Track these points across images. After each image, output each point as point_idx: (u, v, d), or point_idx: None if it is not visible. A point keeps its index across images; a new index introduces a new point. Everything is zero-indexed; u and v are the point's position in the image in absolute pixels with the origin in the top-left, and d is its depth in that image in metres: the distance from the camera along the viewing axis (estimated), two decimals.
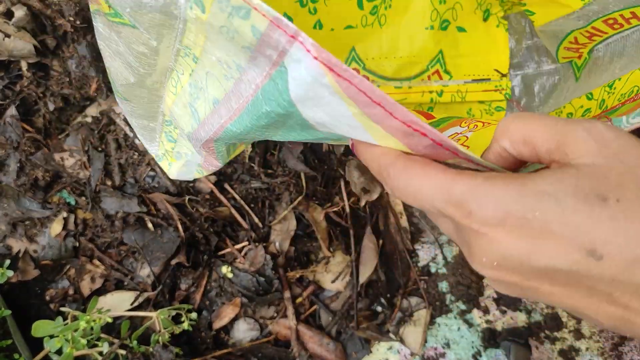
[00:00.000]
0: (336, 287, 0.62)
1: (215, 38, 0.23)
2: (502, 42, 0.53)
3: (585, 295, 0.19)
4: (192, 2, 0.22)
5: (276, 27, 0.19)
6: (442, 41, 0.52)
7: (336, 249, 0.64)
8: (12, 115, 0.60)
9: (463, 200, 0.20)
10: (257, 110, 0.25)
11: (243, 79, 0.24)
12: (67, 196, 0.60)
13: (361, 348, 0.61)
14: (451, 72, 0.53)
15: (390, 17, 0.50)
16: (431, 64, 0.52)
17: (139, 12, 0.23)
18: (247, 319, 0.61)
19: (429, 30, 0.51)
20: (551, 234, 0.18)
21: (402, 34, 0.50)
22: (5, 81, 0.60)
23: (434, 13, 0.50)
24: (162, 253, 0.59)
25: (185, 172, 0.41)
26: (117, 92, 0.35)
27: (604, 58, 0.44)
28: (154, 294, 0.58)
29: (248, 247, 0.62)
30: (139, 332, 0.55)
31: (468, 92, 0.53)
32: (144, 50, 0.26)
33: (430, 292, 0.64)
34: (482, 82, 0.53)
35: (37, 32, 0.58)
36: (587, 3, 0.42)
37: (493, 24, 0.53)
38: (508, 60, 0.53)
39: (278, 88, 0.22)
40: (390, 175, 0.22)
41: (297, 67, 0.20)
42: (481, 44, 0.53)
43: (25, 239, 0.60)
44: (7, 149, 0.59)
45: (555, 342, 0.61)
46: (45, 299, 0.59)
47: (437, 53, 0.52)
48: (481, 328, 0.62)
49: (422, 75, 0.52)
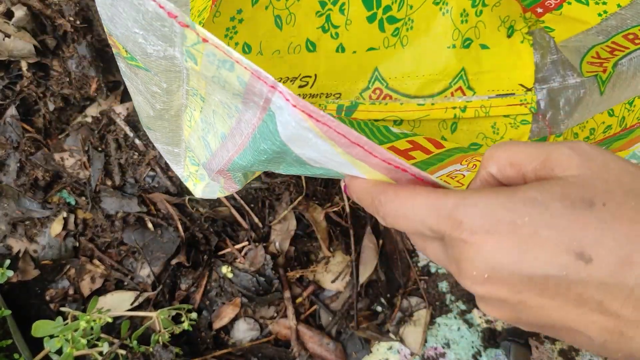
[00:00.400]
0: (336, 287, 0.62)
1: (212, 85, 0.25)
2: (527, 57, 0.53)
3: (575, 305, 0.18)
4: (186, 56, 0.23)
5: (257, 78, 0.20)
6: (465, 59, 0.53)
7: (336, 249, 0.64)
8: (12, 115, 0.60)
9: (453, 212, 0.20)
10: (256, 146, 0.26)
11: (242, 118, 0.26)
12: (67, 196, 0.60)
13: (361, 348, 0.61)
14: (474, 88, 0.54)
15: (412, 38, 0.51)
16: (454, 81, 0.53)
17: (147, 59, 0.25)
18: (247, 318, 0.61)
19: (451, 49, 0.52)
20: (540, 239, 0.18)
21: (424, 54, 0.52)
22: (6, 81, 0.60)
23: (456, 32, 0.51)
24: (162, 253, 0.59)
25: (209, 192, 0.43)
26: (142, 122, 0.37)
27: (628, 72, 0.44)
28: (154, 294, 0.58)
29: (248, 247, 0.62)
30: (139, 332, 0.55)
31: (492, 107, 0.53)
32: (158, 90, 0.29)
33: (430, 292, 0.64)
34: (506, 97, 0.53)
35: (37, 32, 0.58)
36: (604, 18, 0.42)
37: (517, 40, 0.53)
38: (533, 74, 0.53)
39: (270, 129, 0.24)
40: (382, 202, 0.23)
41: (281, 113, 0.21)
42: (505, 60, 0.53)
43: (25, 239, 0.60)
44: (7, 149, 0.59)
45: (555, 342, 0.61)
46: (46, 299, 0.59)
47: (460, 70, 0.53)
48: (481, 328, 0.62)
49: (445, 92, 0.53)
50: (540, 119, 0.53)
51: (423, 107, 0.53)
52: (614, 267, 0.17)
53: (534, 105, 0.53)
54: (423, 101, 0.53)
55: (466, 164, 0.40)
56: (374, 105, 0.53)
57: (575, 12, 0.44)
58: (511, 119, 0.54)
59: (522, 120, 0.54)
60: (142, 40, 0.24)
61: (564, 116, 0.51)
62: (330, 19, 0.47)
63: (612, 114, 0.45)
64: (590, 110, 0.48)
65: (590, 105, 0.48)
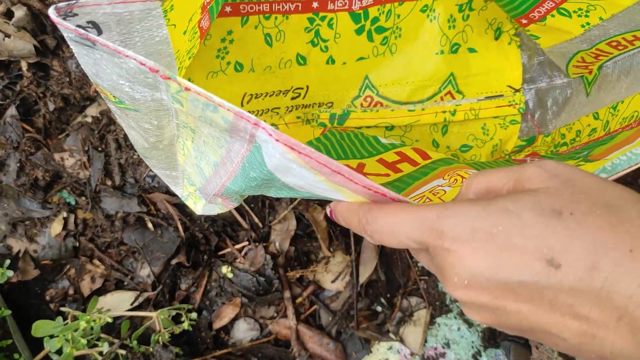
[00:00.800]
0: (336, 287, 0.63)
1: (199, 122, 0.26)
2: (515, 59, 0.54)
3: (548, 309, 0.19)
4: (172, 100, 0.25)
5: (240, 117, 0.22)
6: (453, 64, 0.53)
7: (336, 249, 0.64)
8: (12, 115, 0.60)
9: (434, 223, 0.21)
10: (246, 174, 0.28)
11: (231, 148, 0.28)
12: (67, 196, 0.60)
13: (361, 348, 0.61)
14: (463, 91, 0.55)
15: (400, 46, 0.52)
16: (443, 85, 0.54)
17: (136, 103, 0.27)
18: (247, 318, 0.61)
19: (440, 55, 0.53)
20: (514, 246, 0.19)
21: (413, 61, 0.52)
22: (6, 81, 0.60)
23: (444, 38, 0.52)
24: (162, 253, 0.59)
25: (208, 210, 0.45)
26: (139, 152, 0.39)
27: (613, 75, 0.45)
28: (154, 294, 0.58)
29: (248, 247, 0.62)
30: (139, 332, 0.55)
31: (481, 109, 0.54)
32: (149, 127, 0.31)
33: (430, 292, 0.64)
34: (495, 99, 0.54)
35: (37, 32, 0.58)
36: (587, 30, 0.43)
37: (505, 42, 0.54)
38: (521, 75, 0.54)
39: (257, 160, 0.25)
40: (369, 220, 0.24)
41: (266, 145, 0.23)
42: (493, 63, 0.54)
43: (25, 239, 0.60)
44: (7, 149, 0.59)
45: None
46: (46, 298, 0.59)
47: (449, 75, 0.54)
48: (481, 328, 0.62)
49: (434, 97, 0.54)
50: (529, 118, 0.54)
51: (414, 112, 0.54)
52: (582, 272, 0.18)
53: (523, 106, 0.54)
54: (413, 107, 0.54)
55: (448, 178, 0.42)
56: (366, 112, 0.53)
57: (558, 24, 0.44)
58: (500, 119, 0.55)
59: (511, 120, 0.55)
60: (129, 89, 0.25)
61: (552, 116, 0.52)
62: (320, 34, 0.48)
63: (597, 117, 0.47)
64: (577, 111, 0.49)
65: (577, 106, 0.49)
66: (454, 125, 0.55)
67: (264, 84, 0.49)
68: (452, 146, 0.56)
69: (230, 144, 0.27)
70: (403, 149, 0.49)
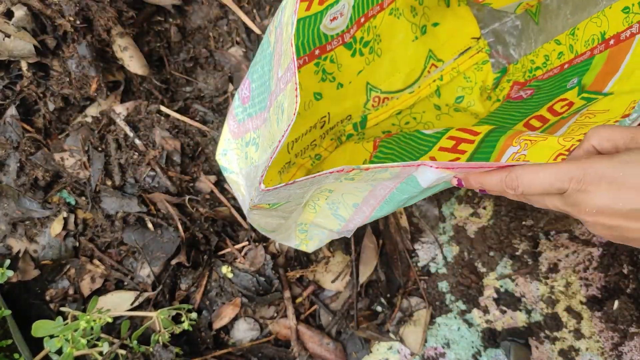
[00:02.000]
0: (336, 287, 0.62)
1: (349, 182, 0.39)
2: (467, 15, 0.65)
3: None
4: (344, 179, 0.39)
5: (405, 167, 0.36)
6: (427, 42, 0.64)
7: (336, 248, 0.64)
8: (12, 115, 0.60)
9: (576, 174, 0.31)
10: (395, 199, 0.41)
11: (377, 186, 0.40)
12: (67, 196, 0.60)
13: (361, 348, 0.61)
14: (442, 58, 0.66)
15: (384, 48, 0.61)
16: (426, 62, 0.64)
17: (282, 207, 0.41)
18: (247, 318, 0.61)
19: (415, 40, 0.63)
20: (631, 185, 0.29)
21: (397, 54, 0.62)
22: (6, 81, 0.60)
23: (413, 26, 0.62)
24: (162, 253, 0.59)
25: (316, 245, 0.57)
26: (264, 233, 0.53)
27: (552, 5, 0.56)
28: (154, 294, 0.58)
29: (248, 247, 0.62)
30: (139, 332, 0.55)
31: (460, 65, 0.66)
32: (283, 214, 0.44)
33: (430, 292, 0.64)
34: (466, 52, 0.66)
35: (37, 32, 0.58)
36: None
37: (455, 5, 0.64)
38: (477, 25, 0.65)
39: (410, 185, 0.39)
40: (516, 177, 0.34)
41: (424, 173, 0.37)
42: (453, 25, 0.65)
43: (25, 238, 0.60)
44: (7, 149, 0.59)
45: (555, 342, 0.61)
46: (46, 298, 0.59)
47: (427, 52, 0.64)
48: (481, 328, 0.62)
49: (423, 73, 0.64)
50: (495, 54, 0.65)
51: (413, 93, 0.64)
52: None
53: (487, 48, 0.65)
54: (412, 89, 0.64)
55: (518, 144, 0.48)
56: (378, 110, 0.63)
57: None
58: (475, 65, 0.66)
59: (482, 61, 0.66)
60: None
61: (514, 46, 0.64)
62: (325, 70, 0.57)
63: (560, 42, 0.57)
64: (535, 39, 0.60)
65: (532, 34, 0.61)
66: (444, 86, 0.66)
67: (298, 128, 0.58)
68: (449, 102, 0.66)
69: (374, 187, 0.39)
70: (450, 133, 0.57)
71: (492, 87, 0.66)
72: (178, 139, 0.61)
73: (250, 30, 0.65)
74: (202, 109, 0.64)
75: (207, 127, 0.63)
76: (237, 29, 0.65)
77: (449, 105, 0.66)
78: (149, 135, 0.60)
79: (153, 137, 0.60)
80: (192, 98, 0.65)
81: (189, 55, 0.65)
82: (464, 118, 0.64)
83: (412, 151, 0.58)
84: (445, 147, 0.56)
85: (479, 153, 0.52)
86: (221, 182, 0.63)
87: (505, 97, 0.64)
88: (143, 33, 0.63)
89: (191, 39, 0.65)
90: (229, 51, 0.65)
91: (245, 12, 0.65)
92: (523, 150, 0.47)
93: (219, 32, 0.65)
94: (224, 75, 0.64)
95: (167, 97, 0.64)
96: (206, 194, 0.62)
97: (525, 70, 0.62)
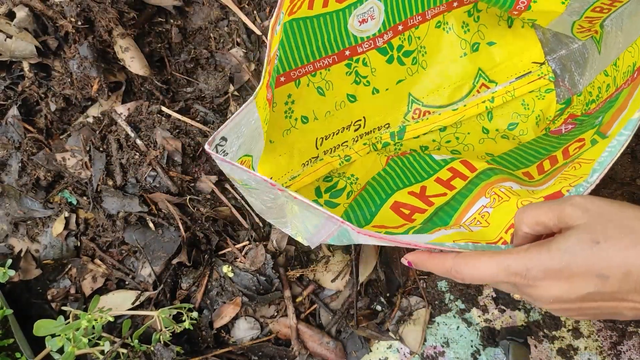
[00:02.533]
0: (336, 286, 0.63)
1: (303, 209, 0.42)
2: (531, 37, 0.61)
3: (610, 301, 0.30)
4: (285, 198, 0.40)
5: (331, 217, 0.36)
6: (477, 60, 0.61)
7: (336, 248, 0.64)
8: (14, 115, 0.60)
9: (518, 270, 0.31)
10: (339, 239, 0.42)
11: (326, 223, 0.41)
12: (68, 196, 0.61)
13: (361, 347, 0.62)
14: (495, 80, 0.62)
15: (429, 60, 0.60)
16: (475, 80, 0.62)
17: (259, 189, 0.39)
18: (247, 317, 0.61)
19: (464, 57, 0.61)
20: (576, 273, 0.29)
21: (443, 69, 0.61)
22: (7, 82, 0.60)
23: (463, 42, 0.60)
24: (163, 252, 0.59)
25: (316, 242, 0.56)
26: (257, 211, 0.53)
27: (612, 31, 0.52)
28: (155, 293, 0.59)
29: (249, 246, 0.62)
30: (140, 331, 0.55)
31: (515, 90, 0.62)
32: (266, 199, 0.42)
33: (430, 291, 0.64)
34: (525, 77, 0.62)
35: (39, 33, 0.58)
36: (568, 4, 0.49)
37: (518, 26, 0.61)
38: (541, 50, 0.61)
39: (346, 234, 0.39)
40: (459, 271, 0.34)
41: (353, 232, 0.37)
42: (513, 47, 0.61)
43: (27, 238, 0.60)
44: (9, 149, 0.60)
45: (554, 341, 0.62)
46: (47, 298, 0.59)
47: (477, 71, 0.62)
48: (480, 327, 0.63)
49: (471, 92, 0.62)
50: (561, 84, 0.61)
51: (457, 110, 0.62)
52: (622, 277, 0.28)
53: (552, 75, 0.61)
54: (456, 106, 0.62)
55: (489, 197, 0.48)
56: (418, 123, 0.62)
57: (543, 7, 0.51)
58: (536, 92, 0.62)
59: (546, 89, 0.62)
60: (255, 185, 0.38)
61: (579, 76, 0.59)
62: (359, 73, 0.57)
63: (607, 74, 0.53)
64: (595, 69, 0.56)
65: (594, 64, 0.56)
66: (496, 109, 0.63)
67: (328, 126, 0.59)
68: (500, 128, 0.63)
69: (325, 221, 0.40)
70: (453, 164, 0.56)
71: (553, 118, 0.61)
72: (179, 139, 0.61)
73: (251, 31, 0.66)
74: (203, 110, 0.64)
75: (208, 127, 0.63)
76: (237, 30, 0.65)
77: (499, 131, 0.63)
78: (150, 135, 0.61)
79: (154, 138, 0.61)
80: (193, 98, 0.65)
81: (189, 56, 0.65)
82: (507, 145, 0.61)
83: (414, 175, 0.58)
84: (441, 178, 0.56)
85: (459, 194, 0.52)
86: (222, 182, 0.63)
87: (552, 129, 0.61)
88: (144, 34, 0.64)
89: (192, 39, 0.66)
90: (230, 52, 0.65)
91: (246, 13, 0.65)
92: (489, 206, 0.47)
93: (220, 33, 0.65)
94: (225, 76, 0.65)
95: (168, 97, 0.64)
96: (207, 194, 0.62)
97: (585, 102, 0.59)
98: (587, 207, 0.30)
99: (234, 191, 0.63)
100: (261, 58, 0.66)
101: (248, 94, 0.66)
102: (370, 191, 0.58)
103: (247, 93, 0.66)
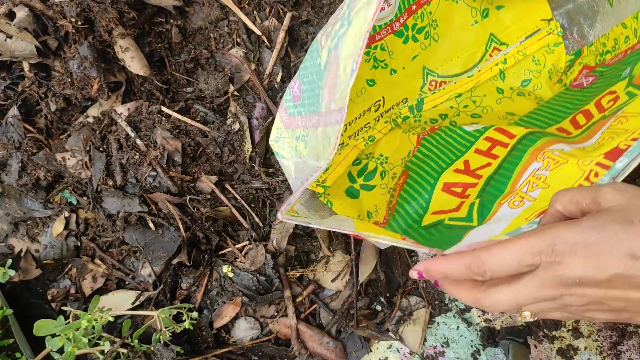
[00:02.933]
0: (336, 286, 0.63)
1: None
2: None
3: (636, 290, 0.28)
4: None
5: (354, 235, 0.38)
6: (488, 25, 0.62)
7: (336, 248, 0.64)
8: (14, 115, 0.60)
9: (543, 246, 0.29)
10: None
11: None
12: (68, 196, 0.61)
13: (361, 347, 0.62)
14: (506, 42, 0.63)
15: (441, 33, 0.61)
16: (487, 45, 0.63)
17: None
18: (247, 317, 0.61)
19: (475, 24, 0.61)
20: (605, 250, 0.28)
21: (455, 39, 0.61)
22: (7, 82, 0.60)
23: (473, 10, 0.60)
24: (163, 252, 0.59)
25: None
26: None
27: None
28: (155, 293, 0.59)
29: (249, 246, 0.62)
30: (140, 331, 0.55)
31: (526, 48, 0.63)
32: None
33: (430, 291, 0.64)
34: (534, 35, 0.63)
35: (39, 33, 0.58)
36: None
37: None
38: (548, 6, 0.62)
39: None
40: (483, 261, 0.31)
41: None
42: (521, 8, 0.62)
43: (27, 238, 0.60)
44: (9, 149, 0.60)
45: (554, 341, 0.62)
46: (47, 298, 0.59)
47: (489, 36, 0.62)
48: (480, 327, 0.63)
49: (484, 57, 0.63)
50: (569, 36, 0.62)
51: (472, 77, 0.63)
52: None
53: (560, 30, 0.62)
54: (470, 73, 0.63)
55: (541, 161, 0.48)
56: (435, 94, 0.63)
57: None
58: (545, 47, 0.63)
59: (554, 43, 0.63)
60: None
61: (588, 28, 0.60)
62: (377, 58, 0.57)
63: (626, 26, 0.54)
64: (608, 21, 0.57)
65: (605, 16, 0.57)
66: (508, 70, 0.64)
67: (351, 113, 0.58)
68: (514, 85, 0.64)
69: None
70: (488, 133, 0.57)
71: (564, 70, 0.63)
72: (179, 139, 0.61)
73: (251, 32, 0.66)
74: (203, 110, 0.64)
75: (208, 127, 0.63)
76: (237, 30, 0.65)
77: (513, 89, 0.64)
78: (150, 135, 0.61)
79: (154, 138, 0.61)
80: (193, 99, 0.65)
81: (189, 56, 0.65)
82: (525, 103, 0.62)
83: (451, 151, 0.58)
84: (480, 149, 0.56)
85: (507, 162, 0.52)
86: (222, 182, 0.63)
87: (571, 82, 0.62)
88: (144, 34, 0.64)
89: (192, 39, 0.66)
90: (230, 52, 0.65)
91: (246, 14, 0.65)
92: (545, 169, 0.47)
93: (220, 33, 0.66)
94: (225, 76, 0.65)
95: (168, 97, 0.64)
96: (207, 193, 0.62)
97: (597, 53, 0.60)
98: (623, 190, 0.30)
99: (234, 191, 0.63)
100: (261, 58, 0.66)
101: (248, 94, 0.66)
102: (416, 178, 0.58)
103: (247, 93, 0.66)
